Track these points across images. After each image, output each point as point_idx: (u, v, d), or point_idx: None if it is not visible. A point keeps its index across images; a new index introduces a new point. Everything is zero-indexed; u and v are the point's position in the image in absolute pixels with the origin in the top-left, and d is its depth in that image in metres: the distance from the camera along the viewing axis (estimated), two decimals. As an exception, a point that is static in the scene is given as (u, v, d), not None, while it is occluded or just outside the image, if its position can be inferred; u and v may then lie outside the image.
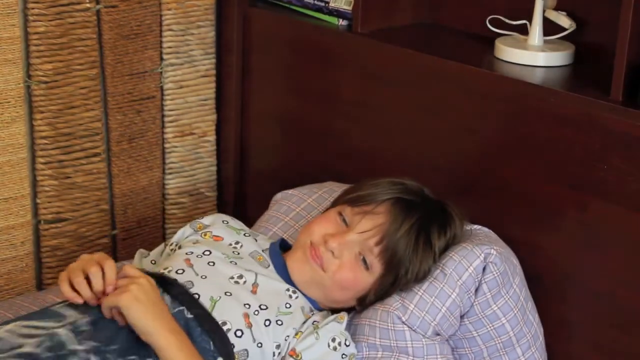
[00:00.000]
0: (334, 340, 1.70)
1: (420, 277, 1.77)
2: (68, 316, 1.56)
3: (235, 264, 1.75)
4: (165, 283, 1.65)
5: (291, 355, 1.67)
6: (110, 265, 1.57)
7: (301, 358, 1.67)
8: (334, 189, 2.03)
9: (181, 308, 1.61)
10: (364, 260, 1.74)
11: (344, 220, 1.77)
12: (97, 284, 1.56)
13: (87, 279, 1.57)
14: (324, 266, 1.74)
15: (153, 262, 1.87)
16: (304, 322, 1.72)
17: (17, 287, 2.20)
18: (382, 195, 1.78)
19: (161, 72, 2.33)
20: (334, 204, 1.86)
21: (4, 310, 1.99)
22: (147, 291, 1.55)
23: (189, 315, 1.61)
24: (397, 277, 1.76)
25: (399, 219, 1.74)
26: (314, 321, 1.73)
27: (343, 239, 1.74)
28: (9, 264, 2.18)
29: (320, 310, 1.78)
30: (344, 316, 1.76)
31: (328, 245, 1.73)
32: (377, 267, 1.75)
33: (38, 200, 2.20)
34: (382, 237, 1.74)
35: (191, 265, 1.72)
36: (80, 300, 1.56)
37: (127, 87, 2.27)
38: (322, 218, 1.81)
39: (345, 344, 1.72)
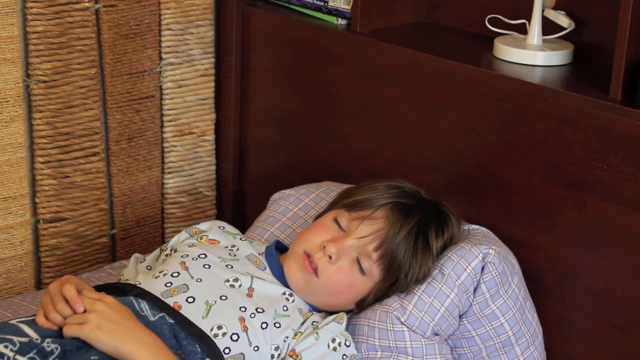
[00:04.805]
0: (334, 340, 1.70)
1: (420, 279, 1.77)
2: (30, 335, 1.54)
3: (232, 267, 1.75)
4: (140, 292, 1.65)
5: (290, 356, 1.66)
6: (68, 289, 1.57)
7: (301, 358, 1.67)
8: (331, 189, 2.03)
9: (161, 314, 1.61)
10: (360, 265, 1.74)
11: (340, 226, 1.77)
12: (66, 312, 1.57)
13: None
14: (318, 272, 1.73)
15: (149, 267, 1.87)
16: (303, 322, 1.72)
17: (16, 286, 2.20)
18: (379, 199, 1.77)
19: (160, 72, 2.33)
20: (330, 207, 1.86)
21: (2, 309, 2.00)
22: (107, 315, 1.54)
23: (171, 321, 1.60)
24: (396, 280, 1.76)
25: (397, 224, 1.74)
26: (314, 321, 1.73)
27: (342, 244, 1.73)
28: (8, 264, 2.18)
29: (318, 312, 1.78)
30: (344, 316, 1.76)
31: (326, 251, 1.73)
32: (375, 272, 1.75)
33: (37, 200, 2.20)
34: (381, 243, 1.73)
35: (186, 269, 1.72)
36: (56, 328, 1.56)
37: (126, 87, 2.27)
38: (317, 226, 1.80)
39: (345, 344, 1.72)
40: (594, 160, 1.78)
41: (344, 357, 1.71)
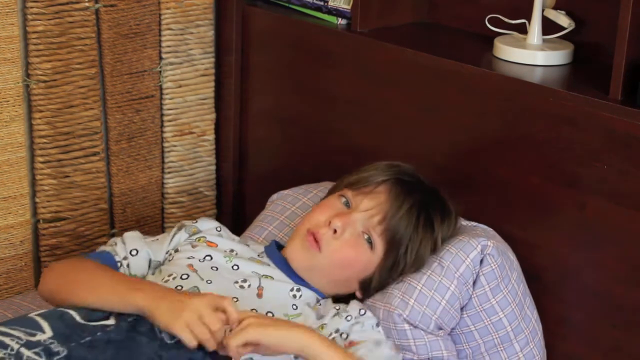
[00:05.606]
0: (378, 324, 1.74)
1: (418, 261, 1.77)
2: (45, 330, 1.54)
3: (238, 268, 1.76)
4: None
5: (353, 345, 1.67)
6: (229, 308, 1.54)
7: (363, 342, 1.67)
8: (329, 188, 2.03)
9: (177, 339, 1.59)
10: (369, 240, 1.75)
11: (347, 203, 1.79)
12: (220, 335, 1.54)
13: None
14: (322, 246, 1.75)
15: (153, 272, 1.86)
16: (318, 314, 1.73)
17: (16, 286, 2.20)
18: (380, 176, 1.81)
19: (160, 71, 2.33)
20: (332, 191, 1.88)
21: (2, 309, 2.00)
22: (259, 316, 1.56)
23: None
24: (397, 257, 1.76)
25: (400, 198, 1.77)
26: (335, 307, 1.74)
27: (348, 218, 1.75)
28: (8, 263, 2.18)
29: (324, 298, 1.79)
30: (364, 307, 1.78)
31: (332, 224, 1.74)
32: (379, 246, 1.76)
33: (37, 200, 2.20)
34: (384, 216, 1.76)
35: (195, 271, 1.73)
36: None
37: (126, 86, 2.27)
38: (320, 205, 1.83)
39: (381, 329, 1.75)
40: (594, 160, 1.78)
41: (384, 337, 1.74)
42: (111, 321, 1.57)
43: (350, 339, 1.68)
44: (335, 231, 1.75)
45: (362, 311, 1.73)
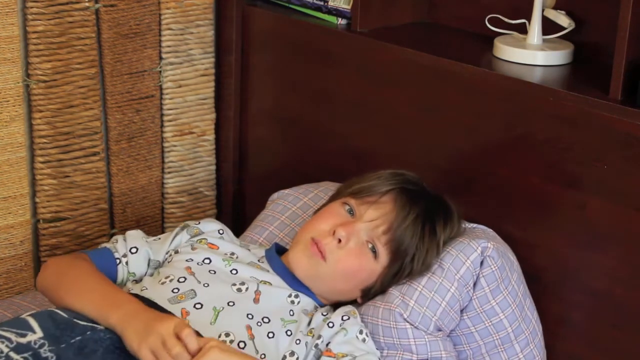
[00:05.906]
0: (361, 332, 1.72)
1: (424, 268, 1.77)
2: (36, 332, 1.54)
3: (236, 272, 1.75)
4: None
5: (330, 356, 1.66)
6: (189, 333, 1.53)
7: (342, 356, 1.66)
8: (330, 188, 2.04)
9: None
10: (373, 249, 1.75)
11: (350, 211, 1.78)
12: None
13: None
14: (326, 256, 1.74)
15: (152, 273, 1.86)
16: (310, 321, 1.72)
17: (16, 286, 2.20)
18: (385, 185, 1.80)
19: (160, 71, 2.33)
20: (334, 198, 1.87)
21: (2, 309, 2.00)
22: (220, 343, 1.54)
23: None
24: (402, 265, 1.76)
25: (405, 208, 1.76)
26: (322, 314, 1.73)
27: (352, 228, 1.75)
28: (8, 263, 2.18)
29: (322, 306, 1.79)
30: (356, 311, 1.77)
31: (336, 234, 1.73)
32: (383, 256, 1.76)
33: (37, 199, 2.20)
34: (389, 226, 1.75)
35: (192, 274, 1.72)
36: None
37: (126, 86, 2.27)
38: (324, 213, 1.81)
39: (366, 335, 1.73)
40: (594, 160, 1.78)
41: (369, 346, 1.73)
42: (100, 326, 1.58)
43: (329, 348, 1.67)
44: (339, 241, 1.74)
45: (345, 317, 1.72)
